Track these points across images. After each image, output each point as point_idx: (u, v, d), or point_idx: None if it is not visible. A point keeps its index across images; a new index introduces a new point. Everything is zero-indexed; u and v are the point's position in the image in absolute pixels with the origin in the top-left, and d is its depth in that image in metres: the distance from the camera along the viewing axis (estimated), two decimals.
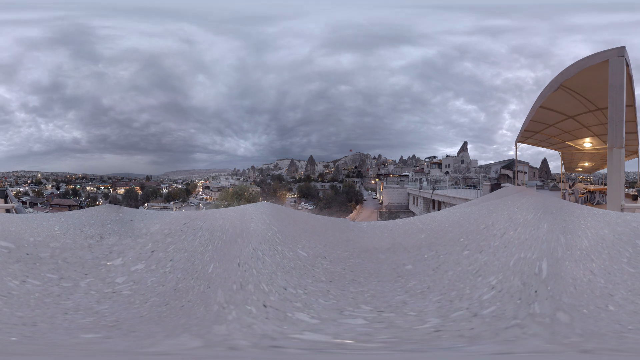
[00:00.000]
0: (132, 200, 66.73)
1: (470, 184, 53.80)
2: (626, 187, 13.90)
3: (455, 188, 47.78)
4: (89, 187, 78.48)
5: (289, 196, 71.36)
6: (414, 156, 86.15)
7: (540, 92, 10.08)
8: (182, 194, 72.56)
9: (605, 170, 15.96)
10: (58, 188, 77.86)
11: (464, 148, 75.01)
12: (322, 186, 75.25)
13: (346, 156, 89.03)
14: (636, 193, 14.60)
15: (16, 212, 6.24)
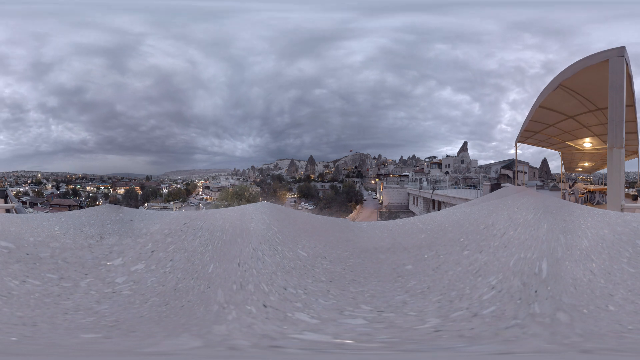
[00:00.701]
0: (132, 200, 67.02)
1: (470, 184, 53.81)
2: (626, 187, 13.90)
3: (455, 188, 47.79)
4: (89, 187, 78.55)
5: (289, 196, 71.43)
6: (414, 156, 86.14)
7: (551, 78, 9.93)
8: (182, 194, 73.58)
9: (605, 170, 15.96)
10: (58, 188, 77.92)
11: (464, 148, 75.03)
12: (322, 186, 75.32)
13: (346, 156, 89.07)
14: (636, 193, 14.60)
15: (16, 212, 6.24)
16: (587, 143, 14.43)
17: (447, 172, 70.76)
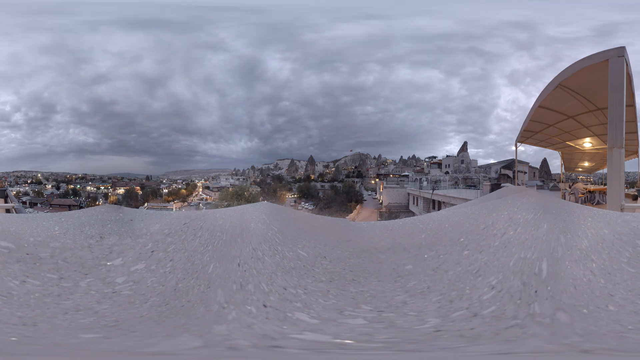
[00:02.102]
0: (131, 200, 67.32)
1: (470, 184, 53.81)
2: (626, 187, 13.89)
3: (455, 188, 47.79)
4: (89, 187, 78.77)
5: (289, 196, 71.51)
6: (414, 156, 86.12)
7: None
8: (182, 194, 75.00)
9: (605, 170, 15.95)
10: (58, 188, 78.10)
11: (464, 148, 75.07)
12: (322, 186, 75.41)
13: (346, 156, 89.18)
14: (636, 193, 14.60)
15: (16, 212, 6.24)
16: (587, 143, 14.43)
17: (447, 172, 70.78)
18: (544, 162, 68.85)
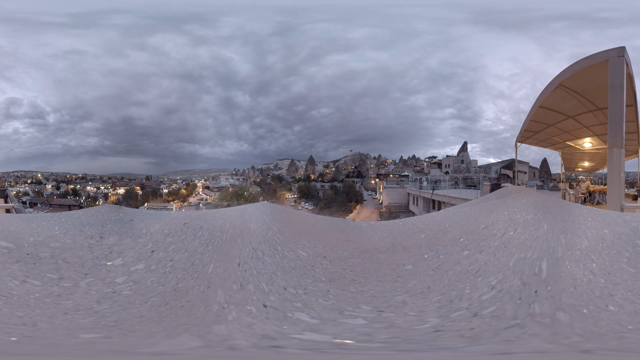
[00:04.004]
0: (131, 200, 67.49)
1: (470, 184, 53.82)
2: (626, 187, 13.90)
3: (455, 188, 47.80)
4: (89, 187, 78.94)
5: (289, 196, 71.56)
6: (414, 156, 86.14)
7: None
8: (182, 194, 75.67)
9: (605, 170, 15.96)
10: (58, 188, 78.22)
11: (464, 148, 75.10)
12: (322, 186, 75.44)
13: (346, 156, 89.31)
14: (636, 193, 14.60)
15: (16, 212, 6.24)
16: (587, 143, 14.44)
17: (447, 172, 70.79)
18: (544, 162, 68.86)
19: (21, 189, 74.26)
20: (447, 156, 75.20)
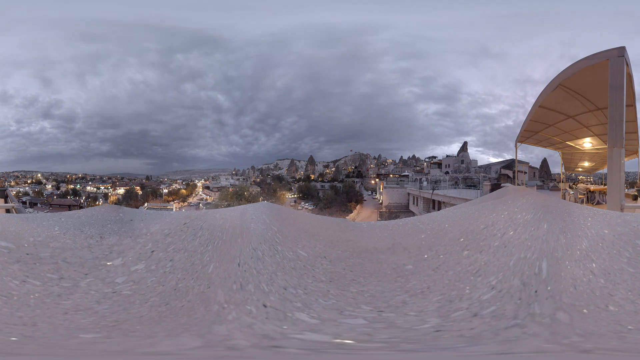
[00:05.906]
0: (131, 200, 67.54)
1: (470, 184, 53.78)
2: (626, 187, 13.89)
3: (455, 188, 47.77)
4: (89, 187, 78.96)
5: (289, 196, 71.57)
6: (414, 156, 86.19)
7: None
8: (182, 194, 75.90)
9: (605, 170, 15.95)
10: (58, 188, 78.24)
11: (464, 148, 75.10)
12: (322, 186, 75.43)
13: (346, 156, 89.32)
14: (636, 193, 14.60)
15: (16, 212, 6.24)
16: (587, 143, 14.43)
17: (447, 172, 70.78)
18: (544, 162, 68.85)
19: (21, 189, 74.28)
20: (447, 156, 75.27)
